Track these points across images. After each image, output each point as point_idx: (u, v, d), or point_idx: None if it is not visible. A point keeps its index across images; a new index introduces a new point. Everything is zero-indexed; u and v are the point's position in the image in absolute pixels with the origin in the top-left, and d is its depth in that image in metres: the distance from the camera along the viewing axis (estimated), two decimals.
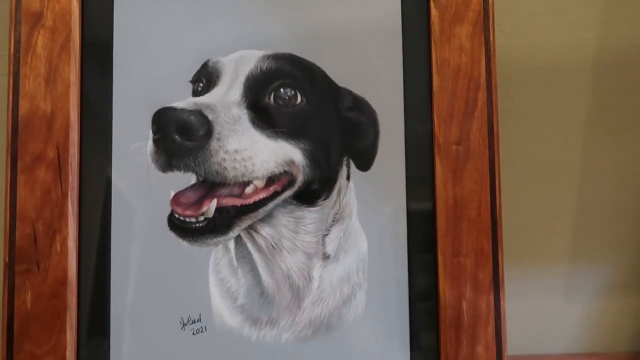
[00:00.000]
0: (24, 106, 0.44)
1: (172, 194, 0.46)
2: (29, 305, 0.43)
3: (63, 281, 0.43)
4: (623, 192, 0.60)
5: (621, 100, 0.60)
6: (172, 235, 0.46)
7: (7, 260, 0.43)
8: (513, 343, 0.62)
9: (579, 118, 0.59)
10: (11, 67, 0.44)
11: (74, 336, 0.44)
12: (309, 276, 0.48)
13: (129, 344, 0.45)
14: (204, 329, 0.46)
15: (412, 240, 0.48)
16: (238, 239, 0.47)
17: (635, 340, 0.64)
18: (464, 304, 0.46)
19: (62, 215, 0.43)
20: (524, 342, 0.62)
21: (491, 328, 0.46)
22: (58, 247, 0.43)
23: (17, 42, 0.44)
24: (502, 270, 0.47)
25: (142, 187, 0.46)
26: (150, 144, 0.46)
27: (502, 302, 0.46)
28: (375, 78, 0.49)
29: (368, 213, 0.48)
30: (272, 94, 0.47)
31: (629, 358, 0.63)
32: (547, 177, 0.60)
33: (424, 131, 0.48)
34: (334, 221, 0.48)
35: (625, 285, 0.62)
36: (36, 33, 0.44)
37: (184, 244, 0.46)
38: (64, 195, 0.44)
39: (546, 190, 0.60)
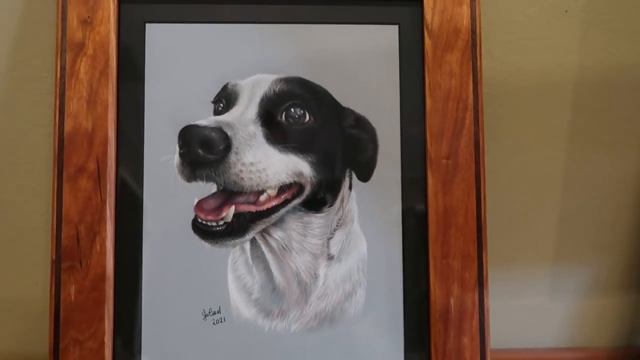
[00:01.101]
0: (68, 124, 0.50)
1: (196, 201, 0.52)
2: (72, 297, 0.49)
3: (102, 277, 0.49)
4: (601, 199, 0.64)
5: (599, 118, 0.63)
6: (196, 237, 0.52)
7: (54, 258, 0.49)
8: (502, 338, 0.66)
9: (560, 133, 0.63)
10: (57, 90, 0.50)
11: (111, 324, 0.50)
12: (315, 274, 0.53)
13: (157, 332, 0.51)
14: (223, 320, 0.52)
15: (407, 244, 0.53)
16: (253, 240, 0.52)
17: (616, 335, 0.68)
18: (452, 301, 0.51)
19: (101, 219, 0.50)
20: (512, 337, 0.66)
21: (476, 322, 0.51)
22: (98, 247, 0.49)
23: (63, 68, 0.50)
24: (486, 271, 0.52)
25: (169, 195, 0.52)
26: (176, 157, 0.51)
27: (485, 299, 0.51)
28: (375, 99, 0.54)
29: (368, 219, 0.53)
30: (284, 113, 0.52)
31: (610, 352, 0.67)
32: (533, 187, 0.64)
33: (418, 147, 0.53)
34: (337, 226, 0.53)
35: (605, 285, 0.66)
36: (79, 60, 0.50)
37: (205, 245, 0.52)
38: (103, 202, 0.50)
39: (532, 199, 0.64)
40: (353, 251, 0.53)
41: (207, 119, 0.52)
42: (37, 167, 0.59)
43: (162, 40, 0.53)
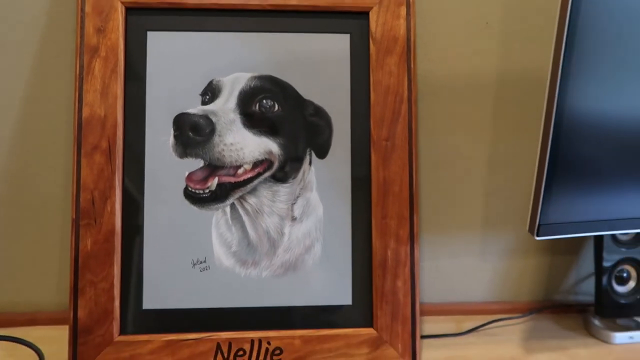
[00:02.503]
0: (85, 111, 0.61)
1: (187, 173, 0.63)
2: (89, 248, 0.60)
3: (112, 232, 0.61)
4: (519, 175, 0.75)
5: (516, 110, 0.74)
6: (187, 202, 0.63)
7: (74, 217, 0.61)
8: (439, 293, 0.78)
9: (485, 121, 0.74)
10: (76, 84, 0.62)
11: (119, 269, 0.61)
12: (281, 232, 0.64)
13: (156, 276, 0.62)
14: (208, 268, 0.63)
15: (354, 208, 0.64)
16: (232, 205, 0.63)
17: (535, 291, 0.79)
18: (389, 252, 0.63)
19: (111, 187, 0.61)
20: (447, 293, 0.78)
21: (407, 269, 0.63)
22: (109, 208, 0.61)
23: (81, 67, 0.62)
24: (417, 229, 0.64)
25: (165, 168, 0.63)
26: (171, 139, 0.63)
27: (415, 251, 0.63)
28: (331, 93, 0.65)
29: (324, 188, 0.65)
30: (257, 103, 0.64)
31: (529, 305, 0.78)
32: (464, 165, 0.75)
33: (364, 131, 0.64)
34: (299, 194, 0.64)
35: (525, 249, 0.78)
36: (94, 61, 0.62)
37: (194, 208, 0.63)
38: (113, 173, 0.61)
39: (463, 175, 0.75)
40: (312, 214, 0.64)
41: (196, 108, 0.63)
42: (56, 146, 0.70)
43: (160, 44, 0.64)
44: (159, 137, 0.63)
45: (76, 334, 0.60)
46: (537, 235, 0.57)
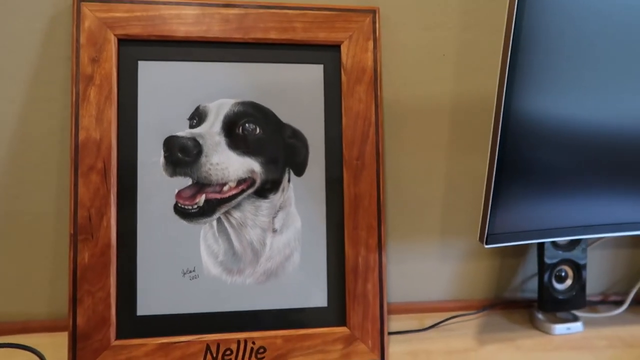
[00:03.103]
0: (82, 134, 0.66)
1: (176, 190, 0.68)
2: (86, 260, 0.65)
3: (108, 245, 0.66)
4: (472, 188, 0.83)
5: (469, 130, 0.82)
6: (176, 217, 0.68)
7: (72, 232, 0.65)
8: (403, 294, 0.85)
9: (442, 141, 0.82)
10: (73, 110, 0.67)
11: (115, 280, 0.66)
12: (263, 243, 0.70)
13: (149, 285, 0.67)
14: (197, 276, 0.68)
15: (329, 220, 0.71)
16: (219, 219, 0.69)
17: (487, 290, 0.88)
18: (360, 259, 0.70)
19: (107, 204, 0.66)
20: (411, 293, 0.85)
21: (376, 273, 0.71)
22: (105, 224, 0.66)
23: (77, 94, 0.67)
24: (384, 239, 0.72)
25: (156, 186, 0.68)
26: (162, 159, 0.68)
27: (383, 258, 0.71)
28: (307, 117, 0.71)
29: (301, 203, 0.71)
30: (241, 127, 0.70)
31: (482, 302, 0.87)
32: (424, 180, 0.82)
33: (337, 151, 0.71)
34: (279, 208, 0.70)
35: (478, 253, 0.86)
36: (89, 88, 0.67)
37: (184, 222, 0.68)
38: (108, 191, 0.67)
39: (423, 189, 0.83)
40: (291, 226, 0.71)
41: (184, 131, 0.68)
42: (50, 166, 0.75)
43: (150, 73, 0.69)
44: (150, 157, 0.69)
45: (75, 339, 0.65)
46: (486, 244, 0.66)
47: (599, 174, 0.71)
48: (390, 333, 0.77)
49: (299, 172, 0.72)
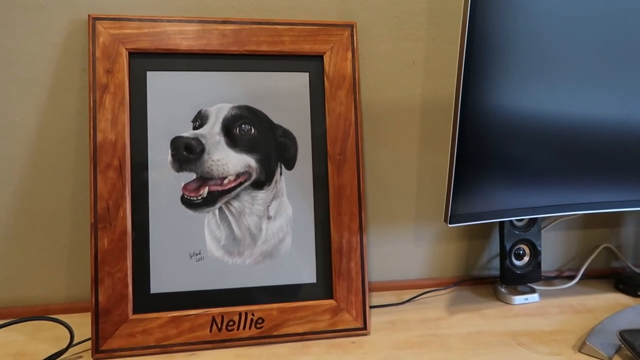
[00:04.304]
0: (99, 136, 0.75)
1: (182, 184, 0.76)
2: (106, 246, 0.74)
3: (124, 232, 0.75)
4: (441, 180, 0.94)
5: (436, 127, 0.92)
6: (183, 207, 0.76)
7: (92, 221, 0.74)
8: (381, 273, 0.95)
9: (413, 138, 0.92)
10: (91, 114, 0.75)
11: (131, 262, 0.75)
12: (260, 228, 0.78)
13: (160, 267, 0.76)
14: (202, 258, 0.77)
15: (316, 207, 0.80)
16: (220, 208, 0.77)
17: (456, 269, 0.98)
18: (344, 241, 0.80)
19: (122, 197, 0.75)
20: (389, 272, 0.95)
21: (358, 253, 0.80)
22: (121, 213, 0.75)
23: (94, 101, 0.75)
24: (365, 223, 0.81)
25: (165, 180, 0.76)
26: (169, 157, 0.76)
27: (364, 240, 0.80)
28: (296, 118, 0.80)
29: (292, 193, 0.80)
30: (238, 128, 0.79)
31: (453, 279, 0.97)
32: (399, 172, 0.92)
33: (322, 148, 0.81)
34: (273, 198, 0.79)
35: (448, 236, 0.97)
36: (105, 96, 0.76)
37: (189, 212, 0.77)
38: (123, 186, 0.75)
39: (398, 180, 0.93)
40: (283, 213, 0.79)
41: (188, 132, 0.77)
42: (67, 165, 0.83)
43: (158, 82, 0.77)
44: (159, 155, 0.77)
45: (98, 314, 0.74)
46: (450, 223, 0.77)
47: (549, 161, 0.82)
48: (371, 307, 0.87)
49: (290, 166, 0.81)
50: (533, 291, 0.93)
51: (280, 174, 0.80)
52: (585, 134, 0.81)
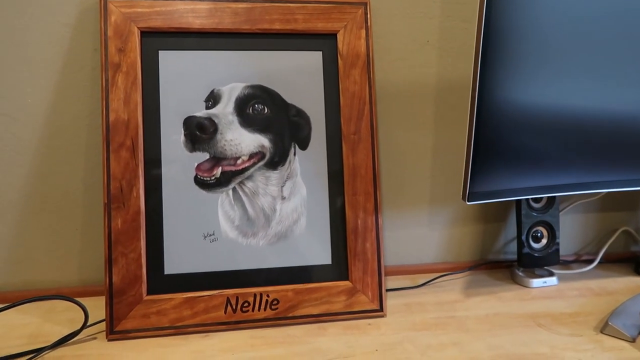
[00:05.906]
0: (112, 116, 0.75)
1: (196, 164, 0.76)
2: (119, 226, 0.74)
3: (138, 212, 0.74)
4: (457, 161, 0.93)
5: (451, 108, 0.92)
6: (197, 187, 0.76)
7: (106, 201, 0.74)
8: (395, 257, 0.94)
9: (428, 118, 0.91)
10: (103, 94, 0.75)
11: (145, 242, 0.74)
12: (274, 209, 0.78)
13: (174, 247, 0.75)
14: (216, 239, 0.77)
15: (331, 187, 0.80)
16: (234, 189, 0.77)
17: (472, 253, 0.98)
18: (359, 221, 0.79)
19: (136, 177, 0.75)
20: (404, 256, 0.95)
21: (374, 233, 0.79)
22: (134, 194, 0.74)
23: (107, 80, 0.75)
24: (380, 203, 0.81)
25: (178, 160, 0.76)
26: (182, 137, 0.76)
27: (379, 220, 0.80)
28: (309, 98, 0.80)
29: (306, 173, 0.80)
30: (251, 107, 0.78)
31: (468, 264, 0.96)
32: (414, 153, 0.92)
33: (336, 127, 0.80)
34: (287, 178, 0.79)
35: (463, 219, 0.96)
36: (117, 75, 0.75)
37: (203, 192, 0.76)
38: (136, 165, 0.75)
39: (413, 161, 0.92)
40: (297, 194, 0.79)
41: (201, 112, 0.76)
42: (79, 147, 0.83)
43: (170, 61, 0.77)
44: (172, 135, 0.77)
45: (112, 295, 0.73)
46: (468, 201, 0.76)
47: (567, 141, 0.81)
48: (387, 290, 0.86)
49: (303, 146, 0.80)
50: (551, 274, 0.92)
51: (294, 154, 0.80)
52: (603, 115, 0.80)
